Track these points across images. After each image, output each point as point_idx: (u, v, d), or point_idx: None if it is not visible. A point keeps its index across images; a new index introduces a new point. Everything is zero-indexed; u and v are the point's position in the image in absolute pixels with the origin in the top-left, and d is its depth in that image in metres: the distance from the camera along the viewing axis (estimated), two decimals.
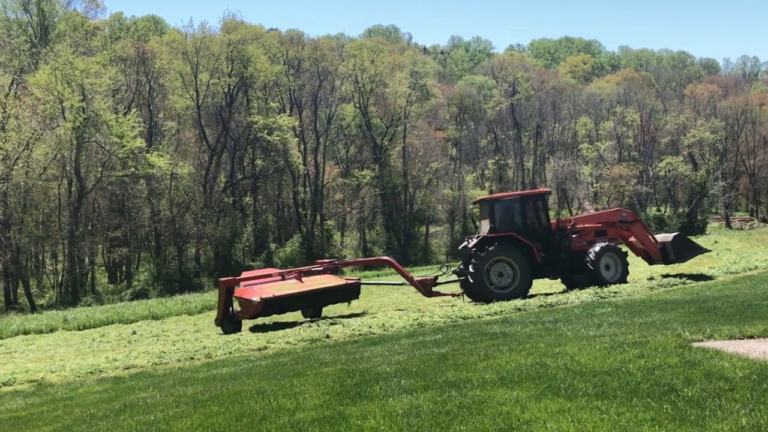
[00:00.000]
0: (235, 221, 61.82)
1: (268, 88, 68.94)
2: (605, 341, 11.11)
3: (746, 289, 18.29)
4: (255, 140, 64.55)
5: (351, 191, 72.85)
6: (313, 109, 73.08)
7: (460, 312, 19.27)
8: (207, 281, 54.07)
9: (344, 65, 74.22)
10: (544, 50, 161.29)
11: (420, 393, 8.53)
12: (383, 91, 74.47)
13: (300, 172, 68.71)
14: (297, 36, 74.74)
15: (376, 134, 74.76)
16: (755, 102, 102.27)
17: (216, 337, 21.59)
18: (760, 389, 7.08)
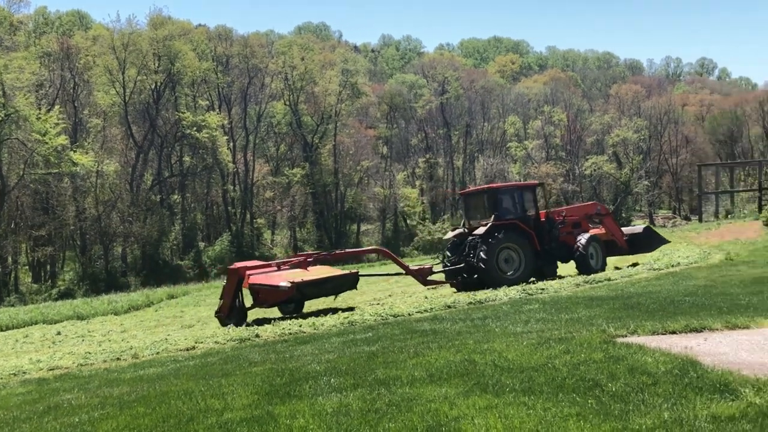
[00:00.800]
0: (163, 220, 60.98)
1: (197, 85, 68.18)
2: (532, 337, 11.24)
3: (669, 286, 18.67)
4: (183, 137, 63.71)
5: (281, 189, 72.47)
6: (242, 106, 72.46)
7: (391, 310, 19.26)
8: (134, 281, 53.26)
9: (274, 62, 73.78)
10: (474, 50, 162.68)
11: (349, 391, 8.50)
12: (313, 89, 74.32)
13: (229, 170, 68.10)
14: (226, 32, 73.96)
15: (306, 132, 74.55)
16: (678, 102, 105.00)
17: (143, 337, 21.23)
18: (682, 384, 7.23)
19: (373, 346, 12.42)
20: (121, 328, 25.26)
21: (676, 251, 30.24)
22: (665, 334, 10.88)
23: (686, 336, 10.70)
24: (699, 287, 17.82)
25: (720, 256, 27.03)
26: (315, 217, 74.99)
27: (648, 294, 16.94)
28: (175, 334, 20.47)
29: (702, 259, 26.68)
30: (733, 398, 6.58)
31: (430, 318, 16.74)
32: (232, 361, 13.12)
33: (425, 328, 14.41)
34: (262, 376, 10.41)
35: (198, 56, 67.35)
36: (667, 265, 24.96)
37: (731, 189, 68.78)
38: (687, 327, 11.17)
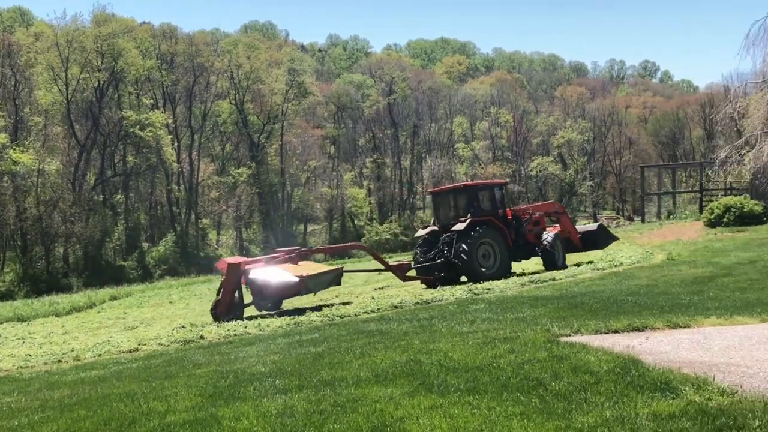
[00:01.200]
0: (106, 220, 60.08)
1: (140, 83, 67.29)
2: (478, 337, 11.29)
3: (612, 285, 18.93)
4: (126, 136, 62.81)
5: (227, 189, 71.88)
6: (187, 105, 71.66)
7: (337, 311, 19.22)
8: (76, 282, 52.38)
9: (219, 61, 73.14)
10: (421, 50, 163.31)
11: (294, 392, 8.45)
12: (260, 88, 73.84)
13: (174, 169, 67.35)
14: (170, 30, 73.07)
15: (252, 131, 74.09)
16: (621, 104, 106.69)
17: (85, 339, 20.88)
18: (624, 382, 7.31)
19: (319, 347, 12.38)
20: (63, 329, 24.80)
21: (619, 251, 30.68)
22: (608, 333, 11.01)
23: (628, 335, 10.84)
24: (641, 287, 18.09)
25: (662, 256, 27.49)
26: (261, 218, 74.54)
27: (592, 293, 17.15)
28: (118, 336, 20.16)
29: (644, 259, 27.11)
30: (674, 396, 6.67)
31: (377, 318, 16.74)
32: (176, 362, 12.97)
33: (372, 328, 14.40)
34: (206, 378, 10.30)
35: (142, 54, 66.47)
36: (611, 265, 25.31)
37: (673, 190, 69.97)
38: (629, 326, 11.32)
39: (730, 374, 7.67)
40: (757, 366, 8.11)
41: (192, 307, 27.86)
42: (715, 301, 14.24)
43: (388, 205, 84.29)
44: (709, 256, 25.91)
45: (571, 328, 11.31)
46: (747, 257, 23.87)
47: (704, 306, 13.56)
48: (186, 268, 57.78)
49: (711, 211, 39.34)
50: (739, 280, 18.29)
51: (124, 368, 13.22)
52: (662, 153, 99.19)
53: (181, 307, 28.45)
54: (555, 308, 14.66)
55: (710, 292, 16.02)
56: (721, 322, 11.58)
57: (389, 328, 14.04)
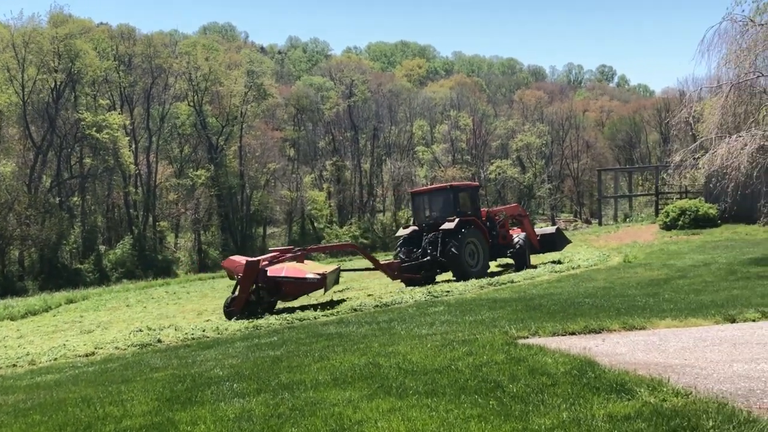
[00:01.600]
0: (62, 222, 59.23)
1: (98, 85, 66.52)
2: (436, 339, 11.33)
3: (569, 288, 19.11)
4: (83, 138, 62.04)
5: (185, 192, 71.28)
6: (145, 106, 70.98)
7: (297, 314, 19.19)
8: (31, 285, 51.62)
9: (178, 63, 72.54)
10: (381, 53, 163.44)
11: (252, 396, 8.40)
12: (219, 90, 73.38)
13: (131, 171, 66.65)
14: (128, 31, 72.31)
15: (211, 133, 73.60)
16: (579, 108, 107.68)
17: (40, 343, 20.58)
18: (580, 384, 7.38)
19: (278, 351, 12.34)
20: (18, 333, 24.39)
21: (576, 254, 30.99)
22: (565, 335, 11.12)
23: (585, 337, 10.95)
24: (598, 289, 18.29)
25: (619, 258, 27.83)
26: (220, 220, 74.07)
27: (549, 296, 17.31)
28: (74, 340, 19.91)
29: (601, 261, 27.42)
30: (629, 398, 6.74)
31: (336, 321, 16.74)
32: (133, 366, 12.85)
33: (331, 331, 14.39)
34: (164, 382, 10.21)
35: (99, 55, 65.76)
36: (569, 268, 25.57)
37: (630, 193, 70.62)
38: (586, 328, 11.44)
39: (684, 375, 7.77)
40: (711, 367, 8.23)
41: (149, 310, 27.57)
42: (670, 303, 14.44)
43: (348, 208, 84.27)
44: (664, 258, 26.28)
45: (528, 330, 11.41)
46: (701, 259, 24.24)
47: (660, 308, 13.74)
48: (143, 272, 57.20)
49: (666, 214, 39.87)
50: (694, 282, 18.56)
51: (80, 372, 13.07)
52: (619, 156, 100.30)
53: (138, 310, 28.14)
54: (513, 310, 14.77)
55: (665, 294, 16.24)
56: (676, 323, 11.75)
57: (348, 331, 14.04)
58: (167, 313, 25.28)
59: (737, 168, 19.83)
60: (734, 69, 20.43)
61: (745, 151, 19.55)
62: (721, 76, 21.26)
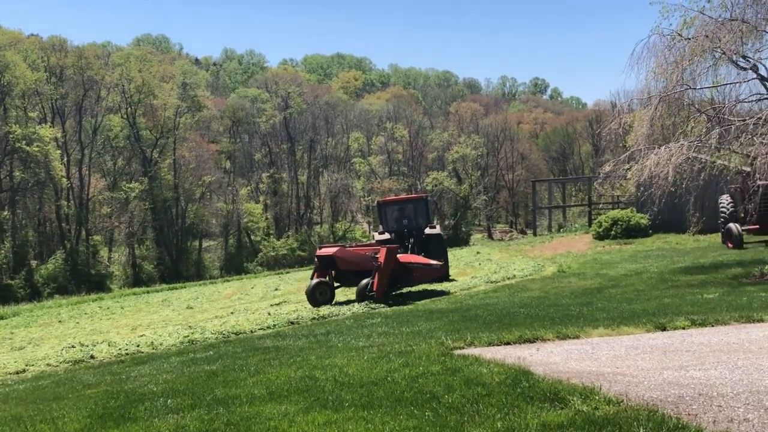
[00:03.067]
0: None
1: (28, 97, 65.20)
2: (373, 351, 11.34)
3: (505, 298, 19.31)
4: (13, 151, 60.72)
5: (119, 205, 70.22)
6: (77, 119, 69.80)
7: (233, 327, 19.02)
8: None
9: (110, 74, 71.53)
10: (317, 65, 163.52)
11: (187, 412, 8.30)
12: (152, 102, 72.50)
13: (63, 185, 65.42)
14: (60, 42, 71.08)
15: (145, 146, 72.68)
16: (513, 120, 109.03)
17: None
18: (515, 393, 7.45)
19: (214, 365, 12.22)
20: None
21: (512, 264, 31.33)
22: (500, 345, 11.21)
23: (520, 347, 11.06)
24: (533, 299, 18.52)
25: (553, 268, 28.19)
26: (155, 234, 73.09)
27: (485, 306, 17.46)
28: (4, 357, 19.46)
29: (536, 271, 27.76)
30: (562, 406, 6.83)
31: (273, 335, 16.64)
32: (65, 383, 12.60)
33: (267, 345, 14.31)
34: (96, 399, 10.02)
35: (30, 67, 64.50)
36: (504, 278, 25.83)
37: (563, 204, 71.66)
38: (521, 338, 11.56)
39: (616, 383, 7.90)
40: (642, 375, 8.38)
41: (82, 326, 27.10)
42: (603, 312, 14.66)
43: (285, 220, 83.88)
44: (597, 268, 26.70)
45: (464, 340, 11.48)
46: (634, 269, 24.68)
47: (593, 317, 13.95)
48: (76, 286, 56.19)
49: (599, 225, 40.53)
50: (626, 291, 18.90)
51: (10, 390, 12.77)
52: (553, 168, 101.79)
53: (71, 326, 27.63)
54: (450, 321, 14.86)
55: (599, 303, 16.49)
56: (608, 332, 11.94)
57: (285, 344, 13.97)
58: (101, 329, 24.87)
59: (665, 178, 20.25)
60: (663, 82, 20.89)
61: (672, 162, 19.99)
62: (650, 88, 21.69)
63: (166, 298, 35.39)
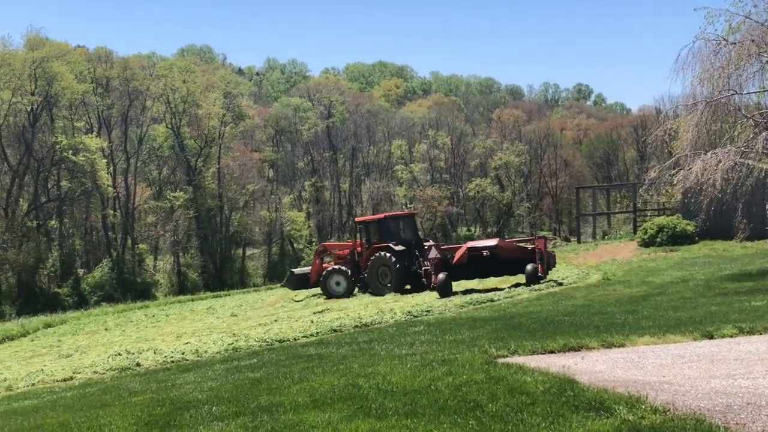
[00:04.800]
0: (40, 246, 58.83)
1: (75, 107, 66.21)
2: (416, 359, 11.31)
3: (549, 306, 19.16)
4: (60, 161, 61.72)
5: (164, 214, 70.97)
6: (123, 129, 70.73)
7: (277, 335, 19.11)
8: (9, 310, 51.13)
9: (155, 85, 72.42)
10: (359, 74, 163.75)
11: (231, 419, 8.34)
12: (196, 112, 73.22)
13: (109, 194, 66.30)
14: (106, 54, 72.13)
15: (189, 155, 73.40)
16: (556, 127, 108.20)
17: (18, 368, 20.41)
18: (559, 402, 7.39)
19: (257, 373, 12.28)
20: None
21: (556, 272, 31.05)
22: (544, 354, 11.13)
23: (564, 355, 10.97)
24: (578, 306, 18.34)
25: (598, 276, 27.91)
26: (199, 242, 73.74)
27: (529, 314, 17.34)
28: (52, 365, 19.76)
29: (581, 279, 27.51)
30: (608, 415, 6.76)
31: (316, 342, 16.69)
32: (112, 391, 12.75)
33: (311, 352, 14.35)
34: (142, 406, 10.12)
35: (77, 78, 65.47)
36: (548, 286, 25.63)
37: (608, 211, 70.97)
38: (565, 346, 11.46)
39: (662, 392, 7.80)
40: (689, 384, 8.27)
41: (128, 333, 27.42)
42: (649, 320, 14.49)
43: (327, 228, 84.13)
44: (643, 275, 26.37)
45: (508, 349, 11.41)
46: (680, 276, 24.34)
47: (639, 325, 13.79)
48: (122, 295, 56.85)
49: (644, 231, 40.06)
50: (673, 298, 18.65)
51: (58, 398, 12.95)
52: (597, 174, 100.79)
53: (117, 334, 27.98)
54: (493, 329, 14.78)
55: (644, 311, 16.30)
56: (654, 340, 11.80)
57: (328, 352, 14.00)
58: (146, 336, 25.15)
59: (712, 185, 20.01)
60: (708, 87, 20.67)
61: (720, 168, 19.73)
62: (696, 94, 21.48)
63: (210, 305, 35.70)
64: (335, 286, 32.29)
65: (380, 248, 31.51)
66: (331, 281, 32.44)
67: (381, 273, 31.30)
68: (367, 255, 31.75)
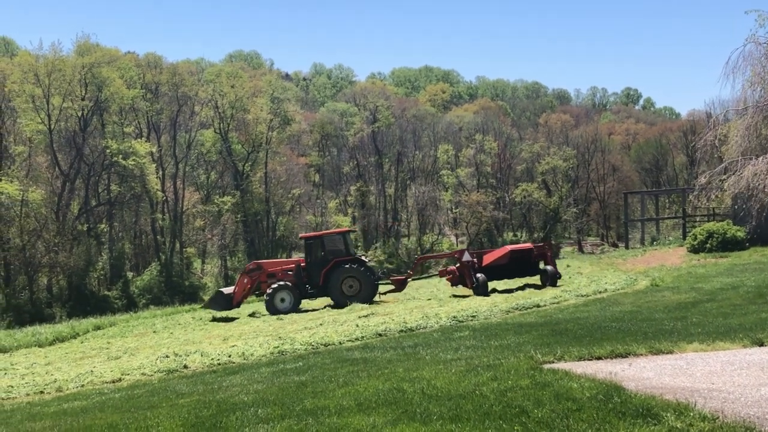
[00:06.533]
0: (90, 249, 59.69)
1: (125, 113, 67.17)
2: (461, 364, 11.29)
3: (596, 312, 18.99)
4: (110, 166, 62.62)
5: (212, 218, 71.66)
6: (171, 134, 71.57)
7: (322, 339, 19.19)
8: (59, 312, 51.91)
9: (204, 90, 73.21)
10: (405, 79, 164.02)
11: (277, 422, 8.40)
12: (244, 117, 73.85)
13: (158, 198, 67.12)
14: (155, 60, 73.05)
15: (237, 160, 74.04)
16: (604, 131, 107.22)
17: (68, 369, 20.71)
18: (606, 409, 7.32)
19: (303, 376, 12.34)
20: (46, 360, 24.58)
21: (603, 277, 30.80)
22: (591, 360, 11.03)
23: (611, 361, 10.86)
24: (625, 313, 18.15)
25: (646, 282, 27.61)
26: (246, 246, 74.30)
27: (576, 320, 17.20)
28: (101, 366, 20.01)
29: (628, 285, 27.24)
30: (656, 422, 6.69)
31: (361, 346, 16.72)
32: (159, 392, 12.90)
33: (356, 356, 14.38)
34: (189, 408, 10.23)
35: (126, 83, 66.37)
36: (595, 291, 25.42)
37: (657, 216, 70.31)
38: (612, 352, 11.35)
39: (711, 400, 7.70)
40: (739, 391, 8.14)
41: (176, 336, 27.69)
42: (698, 327, 14.30)
43: (372, 233, 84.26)
44: (692, 281, 26.03)
45: (554, 354, 11.33)
46: (730, 282, 23.97)
47: (687, 332, 13.61)
48: (170, 298, 57.49)
49: (694, 237, 39.54)
50: (722, 305, 18.37)
51: (106, 399, 13.13)
52: (645, 179, 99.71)
53: (165, 336, 28.27)
54: (539, 335, 14.69)
55: (693, 317, 16.09)
56: (703, 347, 11.64)
57: (373, 356, 14.02)
58: (193, 339, 25.38)
59: (763, 190, 19.68)
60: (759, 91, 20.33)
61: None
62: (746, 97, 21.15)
63: (256, 309, 35.85)
64: (280, 303, 32.17)
65: (345, 261, 33.11)
66: (276, 298, 32.31)
67: (346, 285, 32.57)
68: (327, 269, 32.84)
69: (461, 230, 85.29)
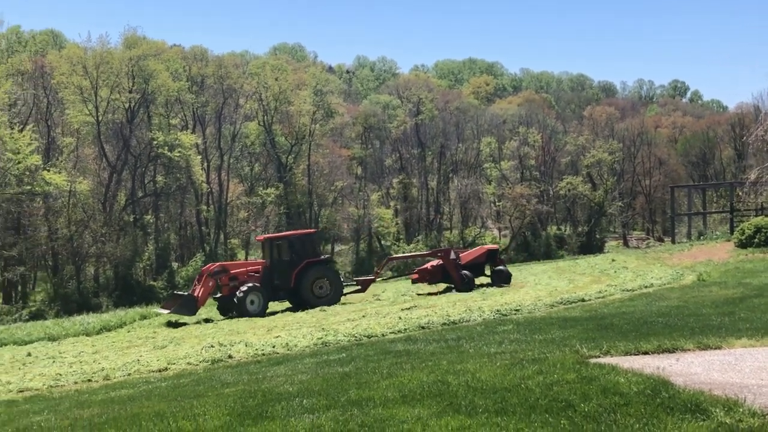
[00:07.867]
0: (136, 240, 60.46)
1: (170, 105, 67.79)
2: (506, 358, 11.25)
3: (642, 306, 18.80)
4: (156, 157, 63.30)
5: (255, 209, 72.17)
6: (217, 126, 72.12)
7: (365, 331, 19.24)
8: (106, 301, 52.67)
9: (248, 83, 73.66)
10: (448, 71, 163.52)
11: (322, 412, 8.45)
12: (288, 109, 74.17)
13: (203, 189, 67.75)
14: (201, 52, 73.67)
15: (280, 152, 74.44)
16: (650, 124, 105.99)
17: (115, 358, 21.00)
18: (654, 404, 7.26)
19: (347, 367, 12.38)
20: (93, 349, 24.94)
21: (649, 272, 30.49)
22: (638, 355, 10.93)
23: (659, 356, 10.76)
24: (672, 308, 17.95)
25: (692, 276, 27.28)
26: None
27: (621, 315, 17.05)
28: (148, 355, 20.26)
29: (675, 279, 26.94)
30: (704, 418, 6.62)
31: (404, 339, 16.73)
32: (205, 382, 13.03)
33: (399, 348, 14.39)
34: (235, 398, 10.33)
35: (172, 76, 66.96)
36: (641, 286, 25.19)
37: (704, 210, 69.31)
38: (659, 347, 11.24)
39: (761, 396, 7.60)
40: None
41: (221, 326, 27.97)
42: (746, 323, 14.09)
43: (414, 225, 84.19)
44: (740, 277, 25.65)
45: (600, 349, 11.25)
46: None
47: (735, 327, 13.43)
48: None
49: (742, 232, 38.92)
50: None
51: (153, 387, 13.29)
52: (692, 173, 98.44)
53: (210, 326, 28.57)
54: (584, 329, 14.58)
55: (741, 313, 15.86)
56: (752, 343, 11.48)
57: (416, 349, 14.03)
58: (238, 329, 25.60)
59: None
60: None
61: None
62: None
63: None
64: (249, 305, 31.52)
65: (316, 262, 33.55)
66: (246, 300, 31.56)
67: (316, 286, 32.74)
68: (299, 269, 32.77)
69: (504, 224, 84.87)
